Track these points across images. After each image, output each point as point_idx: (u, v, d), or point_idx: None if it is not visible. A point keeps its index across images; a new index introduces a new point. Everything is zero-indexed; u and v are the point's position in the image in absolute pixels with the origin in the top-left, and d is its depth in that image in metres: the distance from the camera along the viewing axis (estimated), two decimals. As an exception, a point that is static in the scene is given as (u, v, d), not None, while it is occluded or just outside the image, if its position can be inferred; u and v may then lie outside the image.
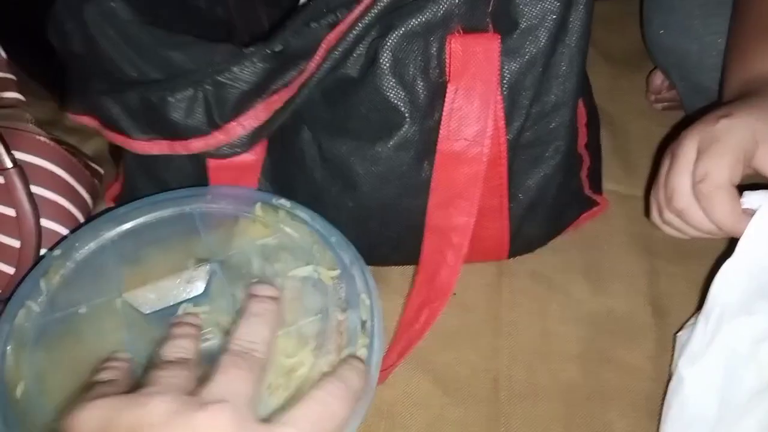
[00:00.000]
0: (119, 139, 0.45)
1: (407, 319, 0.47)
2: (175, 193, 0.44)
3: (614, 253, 0.54)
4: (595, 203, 0.56)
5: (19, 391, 0.35)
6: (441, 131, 0.42)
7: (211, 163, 0.45)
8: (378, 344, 0.37)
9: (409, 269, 0.52)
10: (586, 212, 0.55)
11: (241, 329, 0.34)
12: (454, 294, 0.51)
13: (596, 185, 0.56)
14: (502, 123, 0.43)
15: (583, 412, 0.45)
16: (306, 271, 0.40)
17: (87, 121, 0.47)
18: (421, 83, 0.42)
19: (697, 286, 0.51)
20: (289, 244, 0.42)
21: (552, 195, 0.49)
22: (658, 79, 0.62)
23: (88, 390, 0.31)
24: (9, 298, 0.40)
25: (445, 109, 0.42)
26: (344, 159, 0.45)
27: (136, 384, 0.31)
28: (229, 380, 0.30)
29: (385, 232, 0.48)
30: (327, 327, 0.37)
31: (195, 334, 0.36)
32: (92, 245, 0.41)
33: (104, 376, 0.33)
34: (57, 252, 0.41)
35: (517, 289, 0.52)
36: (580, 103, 0.50)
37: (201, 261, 0.40)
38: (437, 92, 0.42)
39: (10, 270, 0.48)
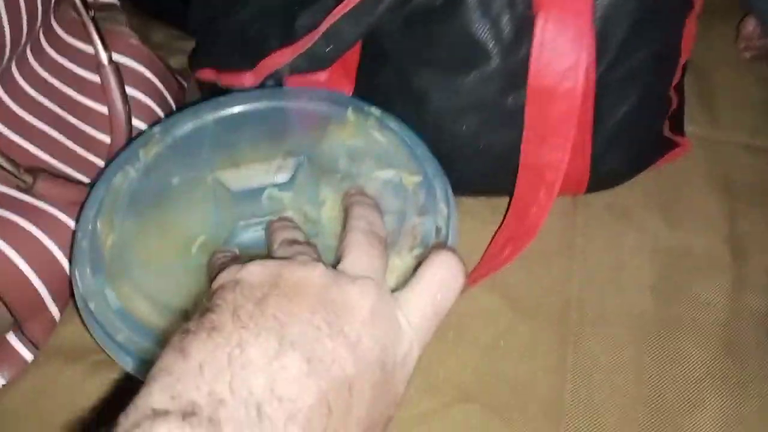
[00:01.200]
0: (230, 78, 0.48)
1: (492, 252, 0.48)
2: (275, 89, 0.46)
3: (693, 192, 0.53)
4: (677, 144, 0.55)
5: (108, 242, 0.38)
6: (531, 66, 0.41)
7: (289, 80, 0.47)
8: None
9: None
10: (668, 153, 0.54)
11: (359, 210, 0.34)
12: (528, 221, 0.51)
13: (679, 127, 0.55)
14: (592, 58, 0.42)
15: (655, 339, 0.45)
16: (388, 174, 0.41)
17: (207, 74, 0.51)
18: (507, 17, 0.41)
19: (779, 230, 0.50)
20: (376, 149, 0.42)
21: (635, 133, 0.48)
22: (750, 25, 0.60)
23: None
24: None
25: (534, 42, 0.41)
26: (424, 91, 0.44)
27: None
28: (366, 257, 0.31)
29: (463, 169, 0.48)
30: (402, 227, 0.38)
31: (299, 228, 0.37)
32: (190, 125, 0.43)
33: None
34: (157, 128, 0.43)
35: (593, 220, 0.51)
36: (684, 42, 0.49)
37: (290, 153, 0.41)
38: (523, 27, 0.42)
39: (101, 163, 0.50)
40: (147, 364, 0.32)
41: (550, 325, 0.46)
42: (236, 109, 0.44)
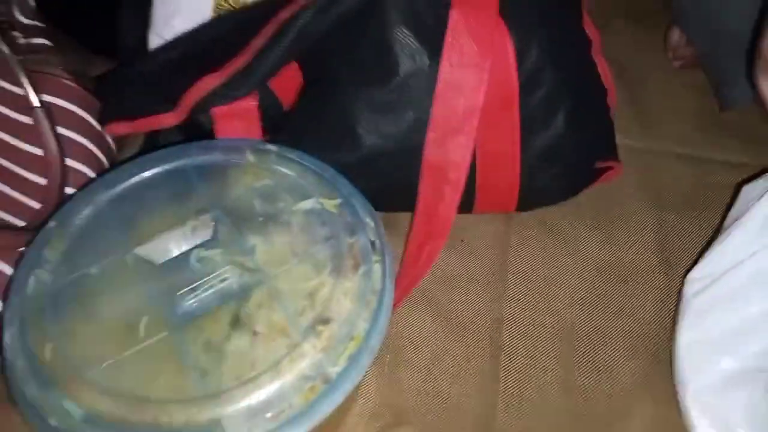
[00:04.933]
0: (148, 122, 0.48)
1: (409, 257, 0.48)
2: (164, 151, 0.44)
3: (624, 204, 0.54)
4: (609, 168, 0.54)
5: (47, 353, 0.35)
6: (443, 58, 0.42)
7: (217, 112, 0.47)
8: (389, 259, 0.39)
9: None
10: (599, 178, 0.54)
11: None
12: (462, 240, 0.52)
13: (611, 151, 0.55)
14: (513, 61, 0.43)
15: (586, 352, 0.46)
16: (309, 203, 0.41)
17: (119, 128, 0.51)
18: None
19: (705, 239, 0.52)
20: (287, 183, 0.42)
21: (567, 152, 0.49)
22: (675, 34, 0.62)
23: None
24: (18, 263, 0.40)
25: (447, 35, 0.42)
26: (351, 110, 0.45)
27: None
28: None
29: (396, 174, 0.48)
30: (339, 250, 0.38)
31: None
32: (87, 211, 0.41)
33: None
34: (52, 223, 0.41)
35: (526, 238, 0.52)
36: (603, 76, 0.50)
37: (202, 211, 0.41)
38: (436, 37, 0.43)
39: (37, 205, 0.50)
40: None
41: (483, 344, 0.47)
42: (129, 182, 0.43)
